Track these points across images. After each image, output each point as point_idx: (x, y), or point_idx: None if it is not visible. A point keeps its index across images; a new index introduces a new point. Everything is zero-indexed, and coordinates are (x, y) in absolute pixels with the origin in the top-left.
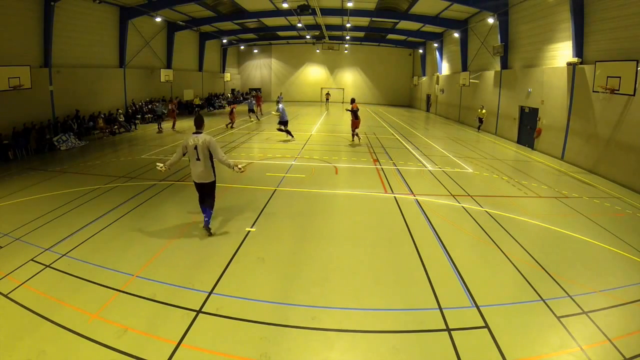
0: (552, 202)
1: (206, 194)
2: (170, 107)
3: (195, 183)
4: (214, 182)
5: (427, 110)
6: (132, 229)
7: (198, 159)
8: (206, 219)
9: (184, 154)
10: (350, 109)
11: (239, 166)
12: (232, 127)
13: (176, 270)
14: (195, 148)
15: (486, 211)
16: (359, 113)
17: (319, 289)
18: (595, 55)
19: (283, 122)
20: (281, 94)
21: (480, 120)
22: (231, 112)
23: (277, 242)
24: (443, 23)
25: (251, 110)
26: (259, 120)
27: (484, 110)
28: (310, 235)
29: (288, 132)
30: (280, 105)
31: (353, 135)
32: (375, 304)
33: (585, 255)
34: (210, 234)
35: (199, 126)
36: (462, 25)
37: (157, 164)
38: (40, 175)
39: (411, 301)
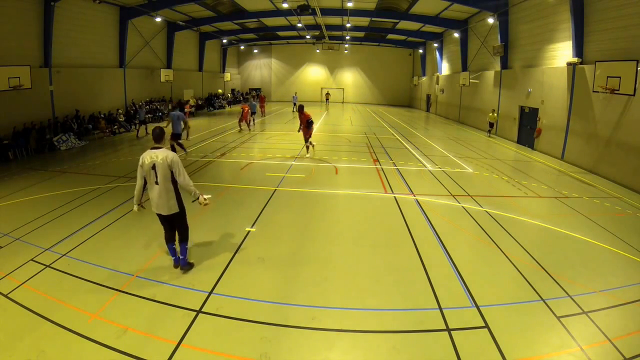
0: (552, 202)
1: (175, 226)
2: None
3: (161, 217)
4: (181, 213)
5: (427, 110)
6: (132, 229)
7: (156, 182)
8: (181, 256)
9: (144, 179)
10: (301, 118)
11: (205, 197)
12: (248, 127)
13: (176, 270)
14: (153, 167)
15: (486, 211)
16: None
17: (319, 289)
18: (595, 55)
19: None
20: (295, 93)
21: (491, 125)
22: (243, 114)
23: (277, 242)
24: (443, 23)
25: (254, 113)
26: (249, 130)
27: (495, 114)
28: (310, 235)
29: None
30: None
31: (307, 147)
32: (375, 304)
33: (585, 255)
34: (190, 268)
35: (159, 139)
36: (462, 25)
37: (134, 207)
38: (40, 175)
39: (411, 301)
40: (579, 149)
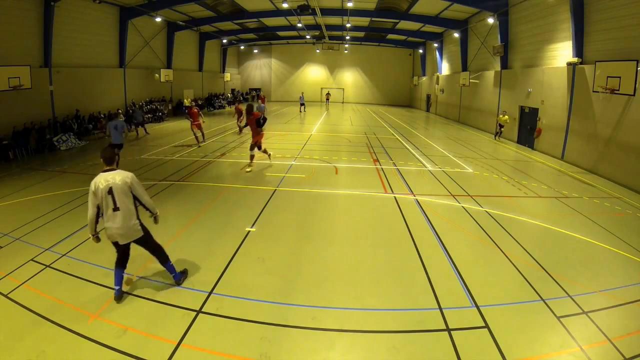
0: (552, 202)
1: (148, 250)
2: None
3: (118, 245)
4: (147, 234)
5: (427, 110)
6: None
7: (116, 209)
8: (172, 274)
9: (98, 207)
10: (249, 117)
11: (158, 215)
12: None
13: (176, 270)
14: (110, 192)
15: (486, 211)
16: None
17: (319, 289)
18: (595, 55)
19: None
20: (302, 93)
21: (501, 127)
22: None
23: (277, 242)
24: (443, 23)
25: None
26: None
27: (506, 116)
28: (310, 235)
29: None
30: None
31: (251, 157)
32: (375, 303)
33: (586, 255)
34: (185, 278)
35: (110, 161)
36: (462, 25)
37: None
38: (40, 175)
39: (411, 301)
40: (579, 149)
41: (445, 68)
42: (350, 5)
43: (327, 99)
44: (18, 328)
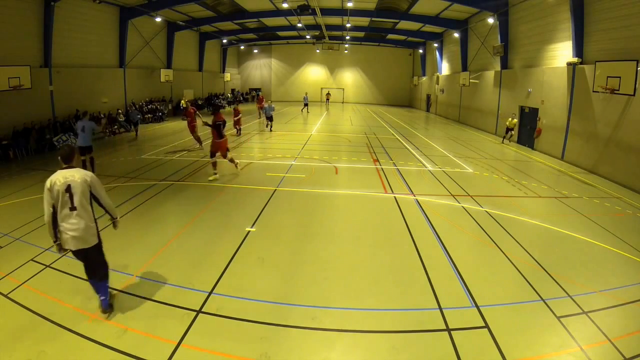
0: (552, 202)
1: (91, 263)
2: (189, 111)
3: (74, 254)
4: (99, 245)
5: (427, 110)
6: (132, 229)
7: (72, 208)
8: (102, 297)
9: (53, 207)
10: (210, 122)
11: (118, 219)
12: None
13: (176, 270)
14: (68, 189)
15: (486, 211)
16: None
17: (319, 289)
18: (595, 55)
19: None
20: (306, 93)
21: (508, 130)
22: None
23: (277, 242)
24: (443, 23)
25: (269, 119)
26: (238, 135)
27: (515, 120)
28: (310, 235)
29: None
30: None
31: (214, 164)
32: (375, 303)
33: (585, 255)
34: (111, 310)
35: (69, 159)
36: (462, 25)
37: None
38: (40, 175)
39: (411, 301)
40: (578, 149)
41: (445, 68)
42: (350, 5)
43: (327, 99)
44: (18, 328)
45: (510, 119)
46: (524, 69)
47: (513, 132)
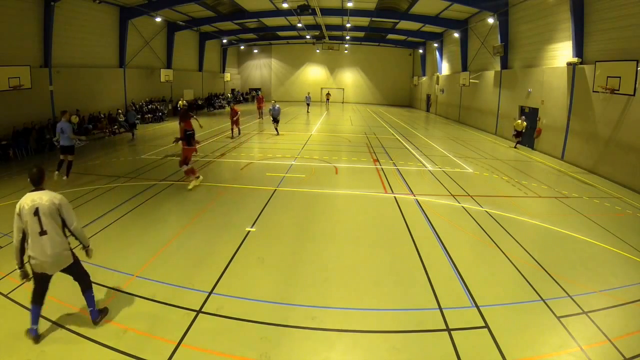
0: (552, 202)
1: (74, 278)
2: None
3: (40, 275)
4: (77, 261)
5: (427, 110)
6: (132, 229)
7: (43, 233)
8: (90, 308)
9: (23, 232)
10: (181, 130)
11: (91, 248)
12: (239, 132)
13: (176, 270)
14: (36, 213)
15: (486, 211)
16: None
17: (319, 289)
18: (595, 55)
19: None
20: (309, 93)
21: (519, 134)
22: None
23: (277, 242)
24: (443, 23)
25: (275, 120)
26: (232, 137)
27: (523, 122)
28: (310, 235)
29: None
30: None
31: (189, 173)
32: (375, 303)
33: (586, 255)
34: (104, 316)
35: (39, 181)
36: (462, 25)
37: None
38: None
39: (411, 301)
40: (578, 149)
41: (445, 68)
42: (350, 5)
43: (327, 99)
44: (18, 328)
45: (519, 121)
46: (524, 69)
47: (521, 136)
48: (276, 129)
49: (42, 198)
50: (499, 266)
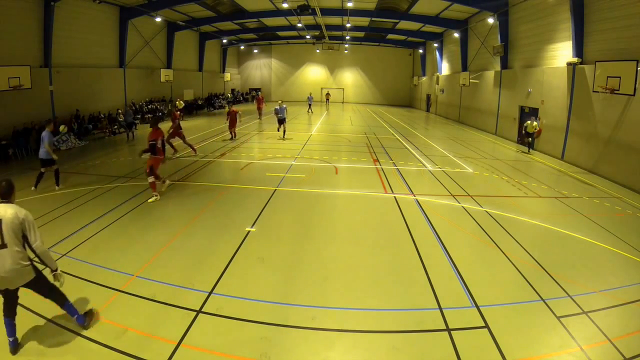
0: (552, 202)
1: (41, 295)
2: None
3: (3, 290)
4: (39, 276)
5: (427, 110)
6: (132, 229)
7: (3, 246)
8: (74, 316)
9: None
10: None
11: (59, 271)
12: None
13: (176, 270)
14: None
15: (486, 211)
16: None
17: (319, 289)
18: (595, 55)
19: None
20: (310, 94)
21: (530, 137)
22: (232, 116)
23: (277, 242)
24: (443, 23)
25: (281, 122)
26: (232, 139)
27: (536, 123)
28: (310, 235)
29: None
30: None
31: (155, 185)
32: (375, 304)
33: (585, 255)
34: (90, 319)
35: (6, 194)
36: (462, 25)
37: None
38: None
39: (411, 301)
40: (579, 149)
41: (445, 68)
42: (350, 5)
43: (327, 99)
44: (18, 328)
45: (534, 122)
46: (524, 69)
47: (532, 138)
48: (283, 132)
49: (7, 211)
50: (499, 266)
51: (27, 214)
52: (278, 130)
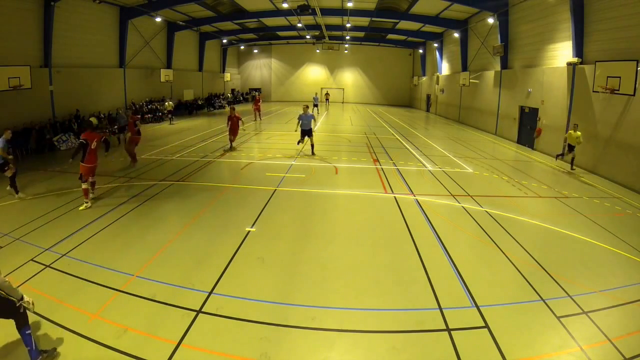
0: (552, 202)
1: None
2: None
3: None
4: (7, 303)
5: (427, 110)
6: (132, 229)
7: None
8: (27, 347)
9: None
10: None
11: (26, 300)
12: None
13: (176, 270)
14: None
15: (486, 211)
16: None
17: (319, 289)
18: (595, 55)
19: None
20: (316, 94)
21: (570, 148)
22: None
23: (277, 242)
24: (443, 23)
25: (307, 133)
26: (231, 148)
27: (578, 132)
28: (310, 235)
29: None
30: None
31: (87, 192)
32: (375, 303)
33: (585, 255)
34: (53, 353)
35: None
36: (462, 25)
37: None
38: (40, 175)
39: (411, 301)
40: (579, 149)
41: (445, 68)
42: (350, 5)
43: (327, 99)
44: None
45: (572, 131)
46: (524, 69)
47: (571, 151)
48: (311, 146)
49: None
50: (499, 266)
51: None
52: (298, 144)
